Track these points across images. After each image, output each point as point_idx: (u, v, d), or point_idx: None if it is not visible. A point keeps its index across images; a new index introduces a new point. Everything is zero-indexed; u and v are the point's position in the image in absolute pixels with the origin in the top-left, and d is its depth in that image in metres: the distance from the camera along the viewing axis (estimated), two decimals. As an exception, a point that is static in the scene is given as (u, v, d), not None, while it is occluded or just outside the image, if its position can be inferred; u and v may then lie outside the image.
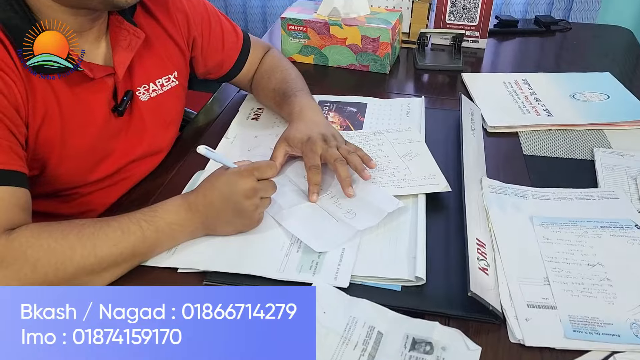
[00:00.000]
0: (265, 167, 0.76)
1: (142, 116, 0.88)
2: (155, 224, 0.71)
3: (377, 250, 0.75)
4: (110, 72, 0.81)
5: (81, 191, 0.85)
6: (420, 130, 1.00)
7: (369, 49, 1.23)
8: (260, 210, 0.77)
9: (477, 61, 1.35)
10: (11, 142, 0.70)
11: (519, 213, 0.83)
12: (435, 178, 0.86)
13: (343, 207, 0.81)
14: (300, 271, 0.72)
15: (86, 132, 0.80)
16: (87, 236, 0.67)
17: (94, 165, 0.84)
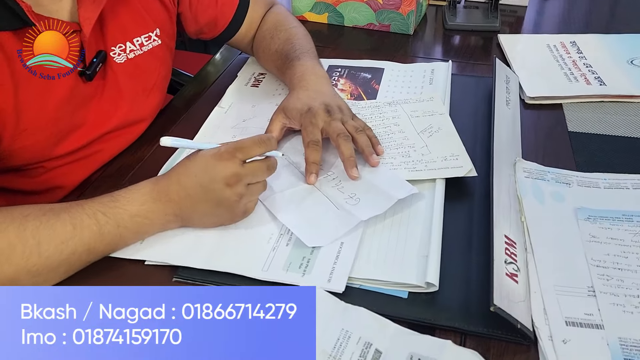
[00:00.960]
0: (251, 145, 0.63)
1: (117, 81, 0.76)
2: (115, 217, 0.60)
3: (381, 247, 0.62)
4: (75, 29, 0.69)
5: (46, 166, 0.74)
6: (445, 101, 0.84)
7: (390, 6, 1.08)
8: (246, 200, 0.64)
9: (517, 21, 1.17)
10: None
11: (560, 204, 0.68)
12: (458, 159, 0.71)
13: (345, 192, 0.68)
14: (287, 270, 0.60)
15: (46, 101, 0.69)
16: (30, 230, 0.57)
17: (59, 138, 0.73)
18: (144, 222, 0.62)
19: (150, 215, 0.62)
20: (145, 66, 0.80)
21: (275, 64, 0.90)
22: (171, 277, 0.61)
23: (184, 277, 0.61)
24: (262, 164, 0.64)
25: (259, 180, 0.64)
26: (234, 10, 0.92)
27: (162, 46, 0.82)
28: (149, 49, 0.80)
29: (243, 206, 0.65)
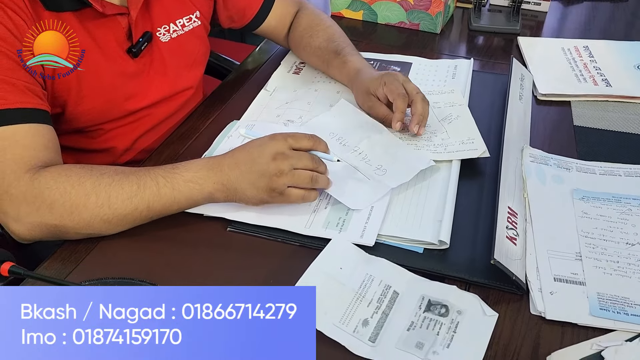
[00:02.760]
0: (302, 136, 0.72)
1: (162, 57, 0.88)
2: (172, 180, 0.69)
3: (403, 211, 0.74)
4: (123, 12, 0.81)
5: (105, 127, 0.87)
6: (465, 93, 0.96)
7: (420, 7, 1.18)
8: (286, 180, 0.69)
9: (537, 25, 1.27)
10: (27, 82, 0.72)
11: (559, 185, 0.79)
12: (474, 142, 0.82)
13: (372, 164, 0.79)
14: (326, 227, 0.71)
15: (102, 71, 0.81)
16: (103, 186, 0.68)
17: (114, 104, 0.85)
18: (194, 188, 0.70)
19: (200, 181, 0.70)
20: (187, 44, 0.91)
21: (320, 59, 1.00)
22: (225, 228, 0.74)
23: (237, 228, 0.73)
24: (308, 153, 0.71)
25: (301, 167, 0.70)
26: (259, 5, 1.02)
27: (201, 27, 0.94)
28: (189, 29, 0.91)
29: (282, 186, 0.69)
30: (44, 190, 0.67)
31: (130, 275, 0.65)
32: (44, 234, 0.69)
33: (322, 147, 0.73)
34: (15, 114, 0.70)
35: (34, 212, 0.67)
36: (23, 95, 0.71)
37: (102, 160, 0.92)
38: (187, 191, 0.70)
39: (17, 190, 0.67)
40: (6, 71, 0.70)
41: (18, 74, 0.71)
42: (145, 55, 0.86)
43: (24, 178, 0.68)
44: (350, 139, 0.84)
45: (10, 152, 0.69)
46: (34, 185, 0.67)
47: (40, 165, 0.70)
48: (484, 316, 0.61)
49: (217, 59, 1.28)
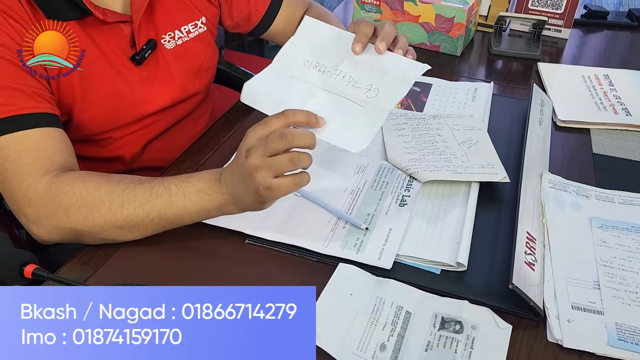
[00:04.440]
0: (271, 120, 0.64)
1: (167, 64, 0.88)
2: (184, 189, 0.69)
3: (421, 232, 0.74)
4: (125, 19, 0.82)
5: (113, 135, 0.88)
6: (484, 117, 0.96)
7: (442, 29, 1.20)
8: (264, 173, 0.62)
9: (557, 52, 1.27)
10: (35, 87, 0.73)
11: (578, 212, 0.79)
12: (494, 167, 0.83)
13: (361, 85, 0.70)
14: (344, 247, 0.72)
15: (105, 79, 0.82)
16: (117, 192, 0.68)
17: (121, 111, 0.86)
18: (205, 198, 0.68)
19: (211, 192, 0.68)
20: (193, 51, 0.91)
21: None
22: (244, 240, 0.74)
23: (256, 241, 0.74)
24: (274, 134, 0.62)
25: (274, 152, 0.62)
26: (267, 5, 1.01)
27: (207, 32, 0.94)
28: (195, 35, 0.91)
29: (264, 180, 0.62)
30: (60, 195, 0.68)
31: (148, 283, 0.65)
32: (62, 236, 0.70)
33: (298, 117, 0.64)
34: (26, 119, 0.71)
35: (51, 215, 0.69)
36: (32, 101, 0.73)
37: (113, 169, 0.93)
38: (198, 201, 0.69)
39: (36, 193, 0.69)
40: (13, 78, 0.72)
41: (25, 80, 0.73)
42: (149, 62, 0.86)
43: (41, 182, 0.69)
44: (329, 62, 0.74)
45: (25, 156, 0.70)
46: (51, 190, 0.68)
47: (56, 168, 0.71)
48: (499, 329, 0.62)
49: (237, 71, 1.30)
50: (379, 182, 0.82)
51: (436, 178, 0.80)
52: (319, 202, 0.78)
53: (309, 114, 0.65)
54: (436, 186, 0.81)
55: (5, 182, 0.71)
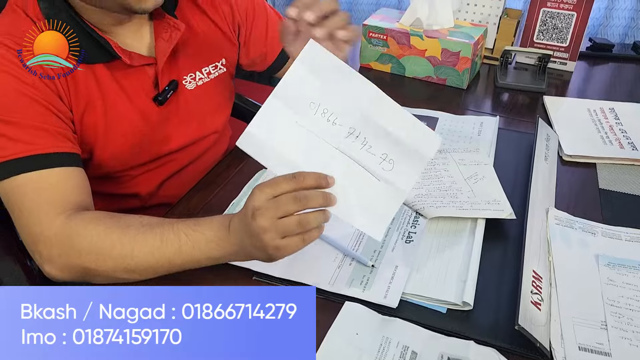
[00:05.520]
0: (281, 180, 0.63)
1: (188, 104, 0.91)
2: (194, 239, 0.69)
3: (427, 269, 0.74)
4: (150, 62, 0.85)
5: (131, 173, 0.90)
6: (490, 152, 0.97)
7: (448, 63, 1.21)
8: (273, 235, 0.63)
9: (563, 84, 1.29)
10: (59, 127, 0.75)
11: (584, 249, 0.79)
12: (500, 204, 0.83)
13: (376, 152, 0.66)
14: (350, 285, 0.72)
15: (129, 119, 0.85)
16: (128, 238, 0.69)
17: (140, 149, 0.88)
18: (214, 248, 0.68)
19: (219, 242, 0.68)
20: (213, 91, 0.94)
21: None
22: (251, 276, 0.75)
23: (262, 278, 0.74)
24: (287, 196, 0.63)
25: (285, 214, 0.63)
26: (280, 49, 1.03)
27: (226, 73, 0.96)
28: (215, 76, 0.94)
29: (272, 241, 0.63)
30: (73, 237, 0.70)
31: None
32: (73, 276, 0.72)
33: (309, 182, 0.64)
34: (49, 158, 0.73)
35: (64, 255, 0.70)
36: (56, 140, 0.75)
37: (129, 205, 0.94)
38: (207, 250, 0.69)
39: (50, 232, 0.70)
40: (39, 117, 0.74)
41: (50, 119, 0.75)
42: (171, 102, 0.89)
43: (56, 222, 0.70)
44: (338, 108, 0.66)
45: (44, 195, 0.72)
46: (65, 231, 0.70)
47: (71, 207, 0.72)
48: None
49: (246, 103, 1.32)
50: (385, 218, 0.83)
51: (442, 215, 0.81)
52: (326, 239, 0.78)
53: (320, 178, 0.64)
54: (442, 222, 0.81)
55: (22, 218, 0.72)
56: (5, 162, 0.72)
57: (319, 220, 0.64)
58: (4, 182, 0.72)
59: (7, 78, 0.73)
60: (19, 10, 0.77)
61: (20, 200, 0.72)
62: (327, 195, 0.64)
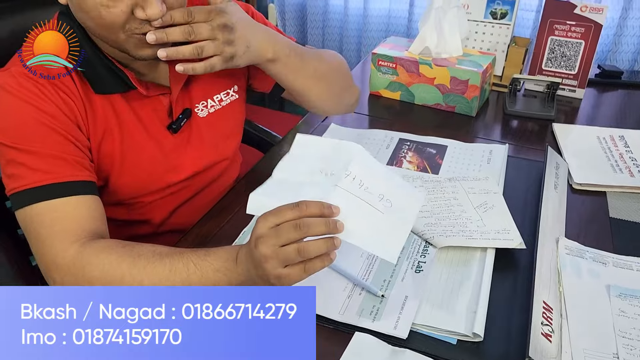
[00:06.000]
0: (285, 209, 0.64)
1: (200, 132, 0.93)
2: (202, 269, 0.69)
3: (437, 299, 0.74)
4: (165, 92, 0.87)
5: (143, 200, 0.92)
6: (500, 180, 0.97)
7: (457, 90, 1.23)
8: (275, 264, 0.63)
9: (572, 111, 1.29)
10: (77, 156, 0.77)
11: (595, 280, 0.78)
12: (509, 233, 0.83)
13: (373, 192, 0.68)
14: (360, 315, 0.72)
15: (144, 147, 0.87)
16: (138, 268, 0.71)
17: (155, 177, 0.90)
18: (222, 278, 0.69)
19: (228, 273, 0.69)
20: (224, 117, 0.96)
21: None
22: (261, 305, 0.76)
23: (273, 306, 0.75)
24: (289, 223, 0.63)
25: (286, 242, 0.62)
26: None
27: (238, 100, 0.98)
28: (227, 103, 0.96)
29: (274, 270, 0.63)
30: (85, 266, 0.71)
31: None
32: None
33: (312, 210, 0.63)
34: (66, 186, 0.75)
35: (75, 283, 0.71)
36: (73, 169, 0.76)
37: (141, 231, 0.96)
38: (215, 280, 0.69)
39: (64, 261, 0.72)
40: (58, 146, 0.76)
41: (68, 149, 0.77)
42: (184, 130, 0.90)
43: (69, 250, 0.72)
44: (335, 168, 0.69)
45: (60, 223, 0.73)
46: (78, 259, 0.71)
47: (85, 235, 0.74)
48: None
49: (256, 129, 1.34)
50: (395, 247, 0.83)
51: (452, 244, 0.81)
52: (336, 268, 0.79)
53: (323, 205, 0.64)
54: (452, 252, 0.82)
55: (38, 246, 0.74)
56: (24, 190, 0.74)
57: (320, 249, 0.63)
58: (22, 210, 0.74)
59: (28, 108, 0.75)
60: None
61: (36, 228, 0.74)
62: (331, 222, 0.63)
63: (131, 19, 0.73)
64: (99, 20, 0.73)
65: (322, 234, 0.63)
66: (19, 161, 0.74)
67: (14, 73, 0.76)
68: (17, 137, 0.74)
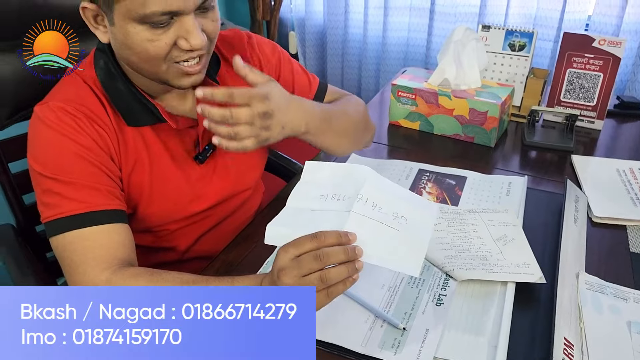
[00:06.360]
0: (304, 241, 0.65)
1: (225, 162, 0.96)
2: None
3: (458, 333, 0.75)
4: (193, 124, 0.90)
5: (169, 228, 0.95)
6: (519, 213, 0.98)
7: (475, 122, 1.25)
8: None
9: (591, 142, 1.30)
10: (109, 186, 0.81)
11: (616, 316, 0.79)
12: (529, 267, 0.84)
13: (387, 212, 0.69)
14: (382, 347, 0.73)
15: (171, 177, 0.90)
16: None
17: (181, 206, 0.93)
18: None
19: None
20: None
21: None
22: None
23: (296, 337, 0.76)
24: (309, 254, 0.64)
25: (307, 273, 0.64)
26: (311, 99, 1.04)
27: None
28: None
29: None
30: None
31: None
32: None
33: (330, 240, 0.65)
34: (99, 215, 0.78)
35: None
36: (106, 199, 0.80)
37: (167, 257, 0.99)
38: None
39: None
40: (92, 177, 0.80)
41: (101, 179, 0.81)
42: (210, 161, 0.93)
43: (101, 277, 0.75)
44: (347, 191, 0.71)
45: (92, 251, 0.77)
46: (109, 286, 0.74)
47: (116, 263, 0.77)
48: None
49: (276, 156, 1.37)
50: (416, 280, 0.84)
51: (472, 278, 0.82)
52: (357, 299, 0.80)
53: (340, 235, 0.65)
54: (472, 285, 0.83)
55: (70, 272, 0.77)
56: (59, 218, 0.77)
57: (341, 275, 0.65)
58: (56, 237, 0.78)
59: (66, 141, 0.79)
60: (78, 78, 0.84)
61: (70, 255, 0.77)
62: (349, 250, 0.65)
63: (173, 49, 0.77)
64: (144, 54, 0.77)
65: (341, 262, 0.65)
66: (55, 191, 0.78)
67: (52, 107, 0.80)
68: (55, 169, 0.78)
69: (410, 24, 2.12)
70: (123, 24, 0.75)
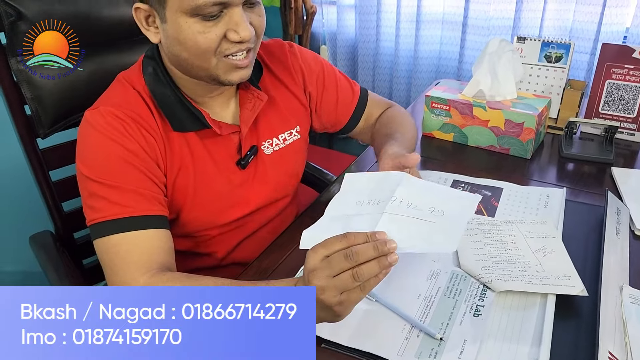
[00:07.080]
0: (334, 241, 0.65)
1: (265, 168, 0.98)
2: None
3: (497, 346, 0.73)
4: (236, 130, 0.92)
5: (210, 233, 0.96)
6: (558, 225, 0.96)
7: (511, 133, 1.23)
8: (331, 293, 0.64)
9: (631, 155, 1.27)
10: (153, 192, 0.83)
11: (663, 331, 0.76)
12: (570, 279, 0.82)
13: (423, 208, 0.70)
14: (419, 357, 0.72)
15: (214, 182, 0.91)
16: None
17: (222, 211, 0.94)
18: None
19: None
20: (287, 156, 1.01)
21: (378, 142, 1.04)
22: (320, 344, 0.76)
23: (331, 346, 0.76)
24: (339, 254, 0.64)
25: (339, 272, 0.63)
26: (353, 109, 1.11)
27: (300, 140, 1.03)
28: (290, 142, 1.01)
29: (332, 299, 0.64)
30: None
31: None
32: None
33: (359, 240, 0.65)
34: (141, 220, 0.80)
35: None
36: (149, 204, 0.82)
37: (205, 263, 1.00)
38: None
39: None
40: (137, 182, 0.82)
41: (146, 185, 0.82)
42: (250, 166, 0.95)
43: (139, 280, 0.76)
44: (381, 194, 0.72)
45: (133, 255, 0.78)
46: None
47: (155, 267, 0.78)
48: None
49: (308, 166, 1.37)
50: (452, 290, 0.83)
51: (511, 289, 0.81)
52: (393, 309, 0.79)
53: (368, 235, 0.65)
54: (511, 296, 0.81)
55: (111, 274, 0.79)
56: (104, 222, 0.80)
57: (373, 270, 0.64)
58: (100, 240, 0.80)
59: (114, 146, 0.81)
60: (127, 84, 0.87)
61: (112, 257, 0.79)
62: (379, 245, 0.64)
63: (223, 42, 0.79)
64: (195, 48, 0.79)
65: (372, 259, 0.64)
66: (100, 194, 0.80)
67: (102, 112, 0.82)
68: (102, 173, 0.80)
69: (443, 37, 2.11)
70: (175, 18, 0.77)
